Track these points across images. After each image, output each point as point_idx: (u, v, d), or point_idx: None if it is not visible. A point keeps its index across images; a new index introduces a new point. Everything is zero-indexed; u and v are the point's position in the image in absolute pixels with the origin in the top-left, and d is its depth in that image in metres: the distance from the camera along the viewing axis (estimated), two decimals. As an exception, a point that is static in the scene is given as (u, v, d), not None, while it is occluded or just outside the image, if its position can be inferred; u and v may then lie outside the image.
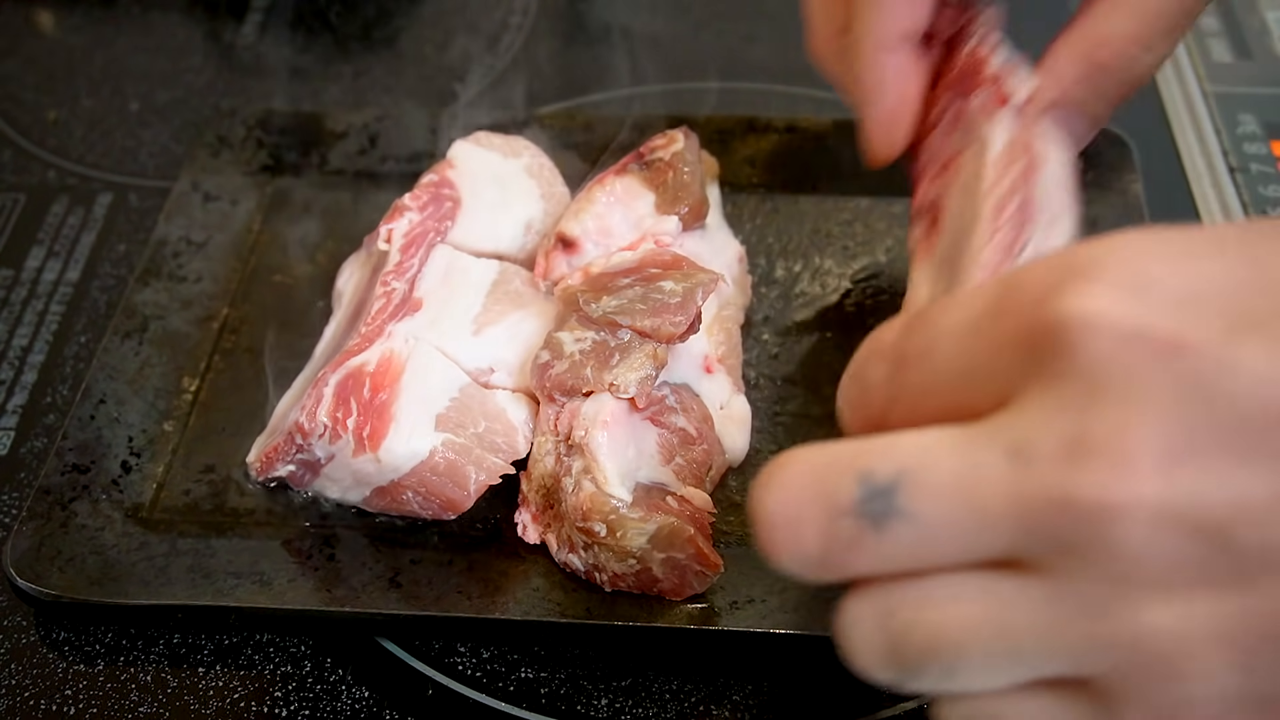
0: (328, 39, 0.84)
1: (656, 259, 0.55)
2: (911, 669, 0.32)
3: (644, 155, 0.60)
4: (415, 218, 0.59)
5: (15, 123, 0.78)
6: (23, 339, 0.64)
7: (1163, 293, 0.30)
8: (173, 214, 0.66)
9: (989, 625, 0.31)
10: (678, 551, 0.48)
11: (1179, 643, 0.29)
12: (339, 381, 0.52)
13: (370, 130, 0.70)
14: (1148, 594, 0.29)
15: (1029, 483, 0.30)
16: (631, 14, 0.84)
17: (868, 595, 0.32)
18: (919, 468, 0.31)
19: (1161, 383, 0.29)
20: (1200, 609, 0.29)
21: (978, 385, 0.32)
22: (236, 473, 0.56)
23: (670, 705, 0.49)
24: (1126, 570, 0.29)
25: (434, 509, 0.52)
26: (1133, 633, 0.29)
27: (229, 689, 0.50)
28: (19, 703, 0.50)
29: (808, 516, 0.32)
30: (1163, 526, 0.29)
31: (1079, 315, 0.29)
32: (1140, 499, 0.29)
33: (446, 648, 0.51)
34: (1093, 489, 0.29)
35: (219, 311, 0.62)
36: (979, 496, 0.30)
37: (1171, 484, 0.29)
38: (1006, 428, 0.31)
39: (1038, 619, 0.30)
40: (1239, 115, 0.73)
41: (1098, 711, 0.31)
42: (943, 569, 0.31)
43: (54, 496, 0.54)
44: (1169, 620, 0.29)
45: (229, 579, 0.51)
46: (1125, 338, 0.29)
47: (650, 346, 0.52)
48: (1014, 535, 0.30)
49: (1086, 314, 0.29)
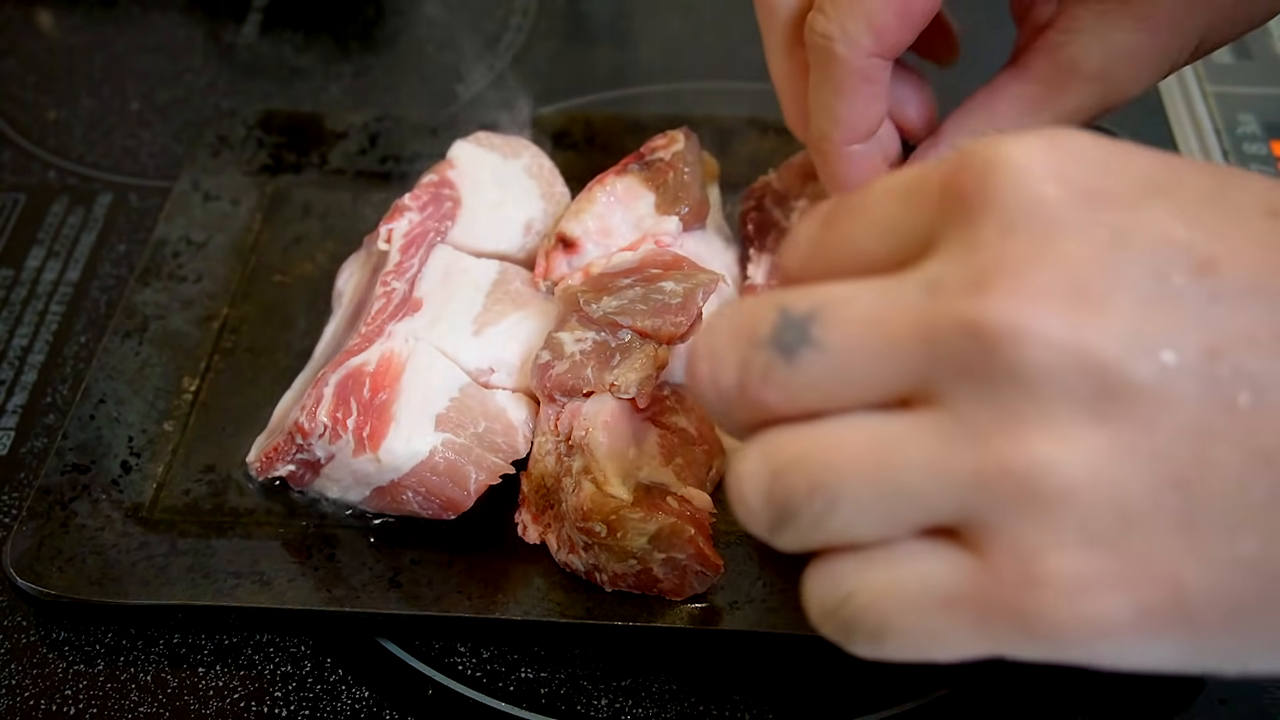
0: (328, 39, 0.84)
1: (657, 259, 0.55)
2: (786, 508, 0.32)
3: (644, 155, 0.60)
4: (415, 218, 0.59)
5: (15, 123, 0.78)
6: (23, 339, 0.64)
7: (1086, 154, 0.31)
8: (173, 214, 0.66)
9: (871, 458, 0.31)
10: (678, 552, 0.48)
11: (1055, 476, 0.29)
12: (339, 381, 0.52)
13: (370, 130, 0.70)
14: (1035, 425, 0.29)
15: (938, 309, 0.30)
16: (632, 14, 0.84)
17: (761, 438, 0.33)
18: (836, 302, 0.32)
19: (1076, 224, 0.30)
20: (1083, 444, 0.29)
21: (900, 237, 0.33)
22: (236, 473, 0.56)
23: (670, 705, 0.49)
24: (1019, 400, 0.29)
25: (434, 509, 0.52)
26: (1013, 462, 0.29)
27: (229, 689, 0.50)
28: (19, 703, 0.50)
29: (728, 347, 0.33)
30: (1061, 356, 0.29)
31: (1006, 157, 0.31)
32: (1044, 326, 0.29)
33: (446, 648, 0.51)
34: (998, 312, 0.29)
35: (219, 311, 0.62)
36: (889, 325, 0.31)
37: (1074, 316, 0.29)
38: (924, 268, 0.31)
39: (922, 452, 0.30)
40: (1239, 115, 0.73)
41: (968, 563, 0.30)
42: (844, 408, 0.32)
43: (54, 496, 0.54)
44: (1050, 452, 0.29)
45: (229, 579, 0.51)
46: (1047, 178, 0.30)
47: (651, 347, 0.52)
48: (918, 363, 0.31)
49: (1014, 156, 0.31)
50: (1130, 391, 0.29)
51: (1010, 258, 0.30)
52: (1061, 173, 0.31)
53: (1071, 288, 0.29)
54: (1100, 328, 0.29)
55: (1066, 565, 0.29)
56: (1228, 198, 0.31)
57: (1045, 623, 0.29)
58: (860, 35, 0.48)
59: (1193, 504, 0.29)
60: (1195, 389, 0.29)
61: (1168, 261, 0.30)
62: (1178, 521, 0.29)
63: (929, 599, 0.31)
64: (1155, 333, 0.29)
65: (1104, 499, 0.29)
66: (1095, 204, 0.30)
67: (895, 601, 0.31)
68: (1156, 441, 0.29)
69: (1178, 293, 0.29)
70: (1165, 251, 0.30)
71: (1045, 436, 0.29)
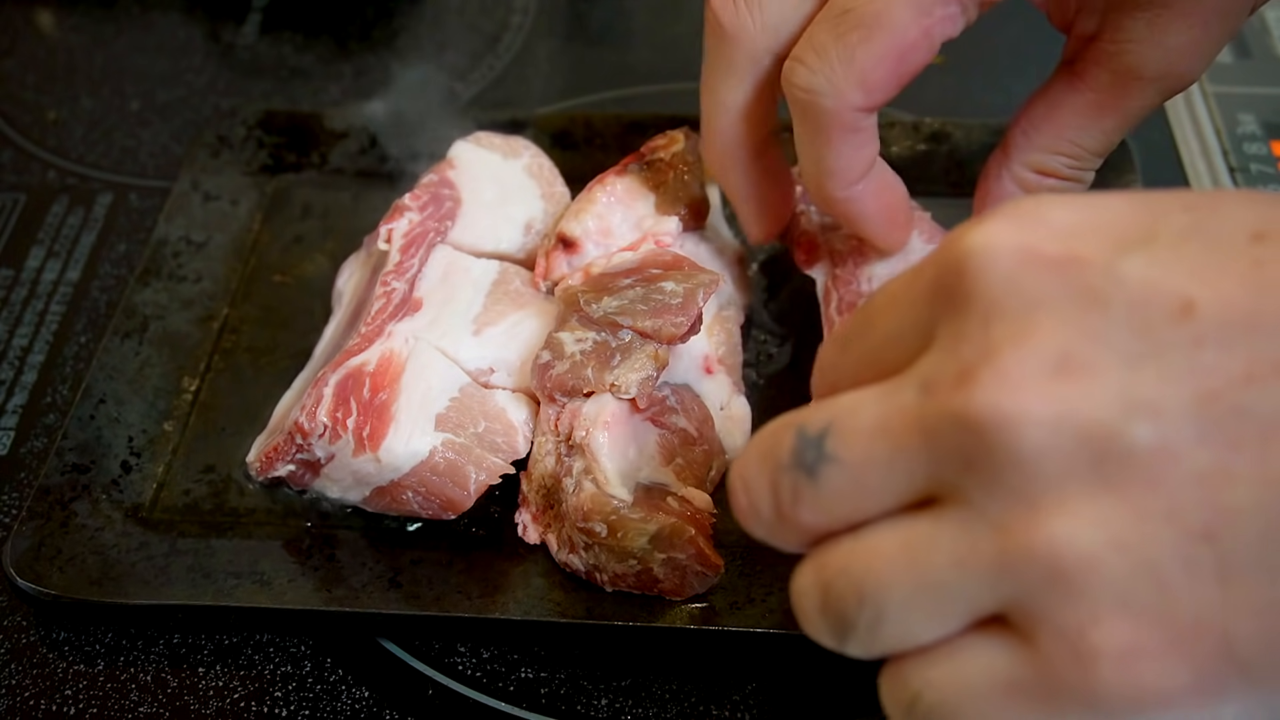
0: (328, 39, 0.84)
1: (657, 259, 0.55)
2: (842, 620, 0.32)
3: (644, 155, 0.60)
4: (415, 218, 0.59)
5: (15, 123, 0.78)
6: (23, 339, 0.64)
7: (1054, 223, 0.31)
8: (173, 214, 0.66)
9: (905, 562, 0.31)
10: (678, 552, 0.48)
11: (1078, 551, 0.29)
12: (339, 381, 0.52)
13: (370, 130, 0.70)
14: (1046, 505, 0.29)
15: (932, 408, 0.31)
16: (631, 14, 0.84)
17: (811, 556, 0.33)
18: (845, 414, 0.32)
19: (1051, 296, 0.30)
20: (1096, 515, 0.29)
21: (906, 342, 0.33)
22: (236, 473, 0.56)
23: (670, 705, 0.49)
24: (1024, 483, 0.29)
25: (434, 509, 0.52)
26: (1034, 546, 0.29)
27: (229, 689, 0.50)
28: (19, 703, 0.50)
29: (758, 475, 0.34)
30: (1053, 434, 0.29)
31: (977, 246, 0.31)
32: (1028, 407, 0.29)
33: (446, 648, 0.51)
34: (984, 403, 0.29)
35: (219, 311, 0.62)
36: (891, 430, 0.31)
37: (1059, 391, 0.29)
38: (919, 367, 0.32)
39: (950, 547, 0.31)
40: (1239, 115, 0.73)
41: (1021, 650, 0.30)
42: (874, 516, 0.32)
43: (54, 496, 0.54)
44: (1067, 529, 0.29)
45: (229, 579, 0.51)
46: (1018, 259, 0.30)
47: (651, 347, 0.52)
48: (926, 465, 0.31)
49: (983, 244, 0.31)
50: (1130, 453, 0.29)
51: (992, 345, 0.30)
52: (1030, 249, 0.30)
53: (1053, 362, 0.29)
54: (1087, 396, 0.29)
55: (1111, 638, 0.29)
56: (1208, 231, 0.30)
57: (1106, 698, 0.29)
58: (849, 91, 0.46)
59: (1223, 553, 0.28)
60: (1196, 438, 0.28)
61: (1147, 313, 0.29)
62: (1212, 574, 0.28)
63: (992, 690, 0.31)
64: (1144, 389, 0.29)
65: (1130, 565, 0.29)
66: (1068, 272, 0.30)
67: (961, 697, 0.31)
68: (1171, 499, 0.28)
69: (1162, 343, 0.29)
70: (1144, 304, 0.29)
71: (1058, 514, 0.29)
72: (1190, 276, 0.29)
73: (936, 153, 0.67)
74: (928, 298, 0.32)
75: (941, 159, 0.67)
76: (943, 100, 0.70)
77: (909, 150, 0.67)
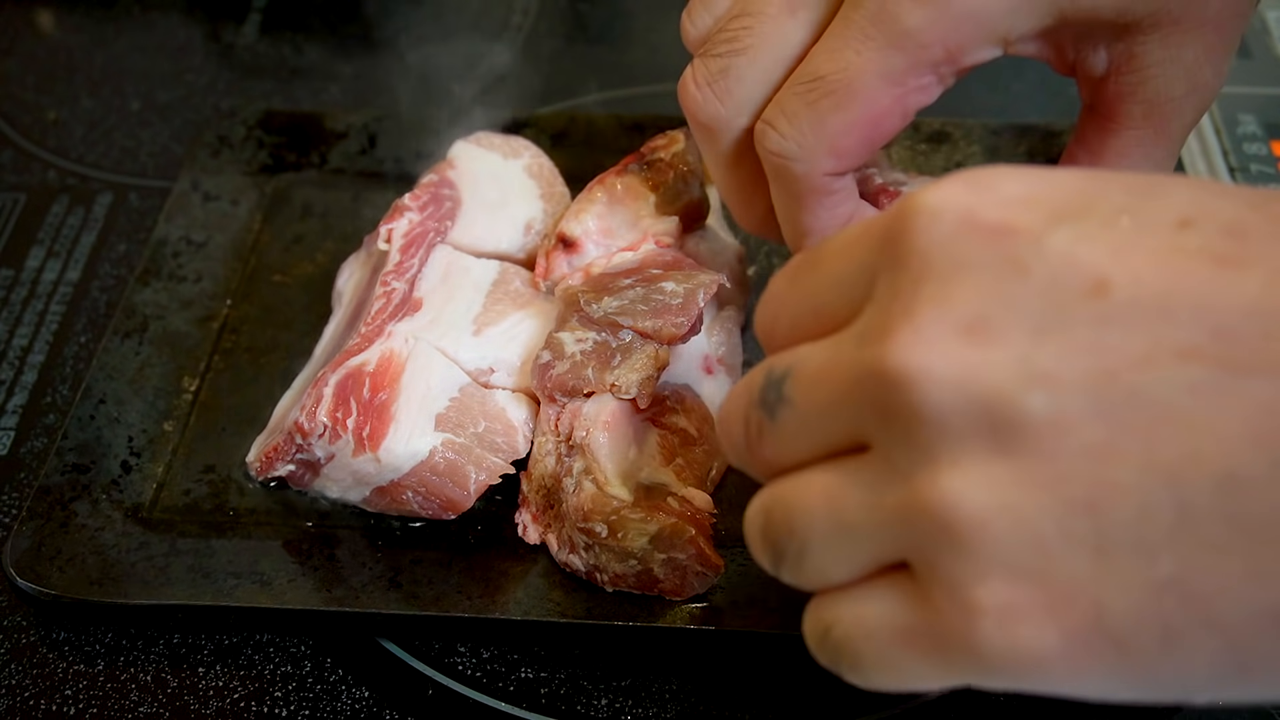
0: (328, 39, 0.84)
1: (657, 259, 0.55)
2: (775, 548, 0.35)
3: (644, 155, 0.60)
4: (415, 218, 0.59)
5: (15, 123, 0.78)
6: (23, 339, 0.64)
7: (999, 191, 0.32)
8: (173, 214, 0.66)
9: (826, 502, 0.33)
10: (679, 552, 0.48)
11: (968, 510, 0.30)
12: (339, 381, 0.52)
13: (370, 130, 0.70)
14: (944, 462, 0.30)
15: (860, 359, 0.32)
16: (631, 14, 0.84)
17: (766, 485, 0.36)
18: (802, 360, 0.34)
19: (982, 260, 0.31)
20: (988, 477, 0.30)
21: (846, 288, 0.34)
22: (236, 473, 0.56)
23: (670, 705, 0.49)
24: (927, 438, 0.30)
25: (434, 509, 0.52)
26: (930, 501, 0.30)
27: (229, 689, 0.50)
28: (19, 703, 0.50)
29: (734, 409, 0.36)
30: (955, 394, 0.30)
31: (924, 206, 0.32)
32: (934, 365, 0.30)
33: (446, 648, 0.51)
34: (897, 357, 0.30)
35: (219, 311, 0.62)
36: (831, 379, 0.33)
37: (965, 352, 0.30)
38: (861, 318, 0.33)
39: (862, 494, 0.32)
40: (1239, 115, 0.73)
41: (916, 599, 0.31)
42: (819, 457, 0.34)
43: (54, 496, 0.54)
44: (960, 487, 0.30)
45: (229, 579, 0.51)
46: (957, 222, 0.31)
47: (652, 347, 0.52)
48: (852, 411, 0.32)
49: (928, 203, 0.32)
50: (1025, 422, 0.29)
51: (915, 302, 0.31)
52: (971, 213, 0.31)
53: (965, 324, 0.30)
54: (990, 361, 0.30)
55: (992, 595, 0.30)
56: (1140, 212, 0.31)
57: (986, 654, 0.30)
58: (820, 157, 0.46)
59: (1102, 528, 0.29)
60: (1089, 414, 0.29)
61: (1062, 287, 0.30)
62: (1091, 547, 0.29)
63: (890, 634, 0.32)
64: (1045, 361, 0.29)
65: (1015, 530, 0.29)
66: (1000, 239, 0.31)
67: (862, 637, 0.33)
68: (1058, 469, 0.29)
69: (1071, 318, 0.29)
70: (1060, 277, 0.30)
71: (954, 473, 0.30)
72: (1110, 255, 0.30)
73: (936, 153, 0.67)
74: (875, 248, 0.33)
75: (941, 159, 0.67)
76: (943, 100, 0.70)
77: (909, 150, 0.67)
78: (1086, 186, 0.32)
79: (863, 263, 0.34)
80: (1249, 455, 0.28)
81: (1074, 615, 0.29)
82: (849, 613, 0.33)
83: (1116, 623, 0.29)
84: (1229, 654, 0.29)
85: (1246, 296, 0.29)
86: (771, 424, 0.35)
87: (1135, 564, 0.29)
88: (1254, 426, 0.28)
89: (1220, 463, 0.28)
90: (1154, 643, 0.29)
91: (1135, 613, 0.29)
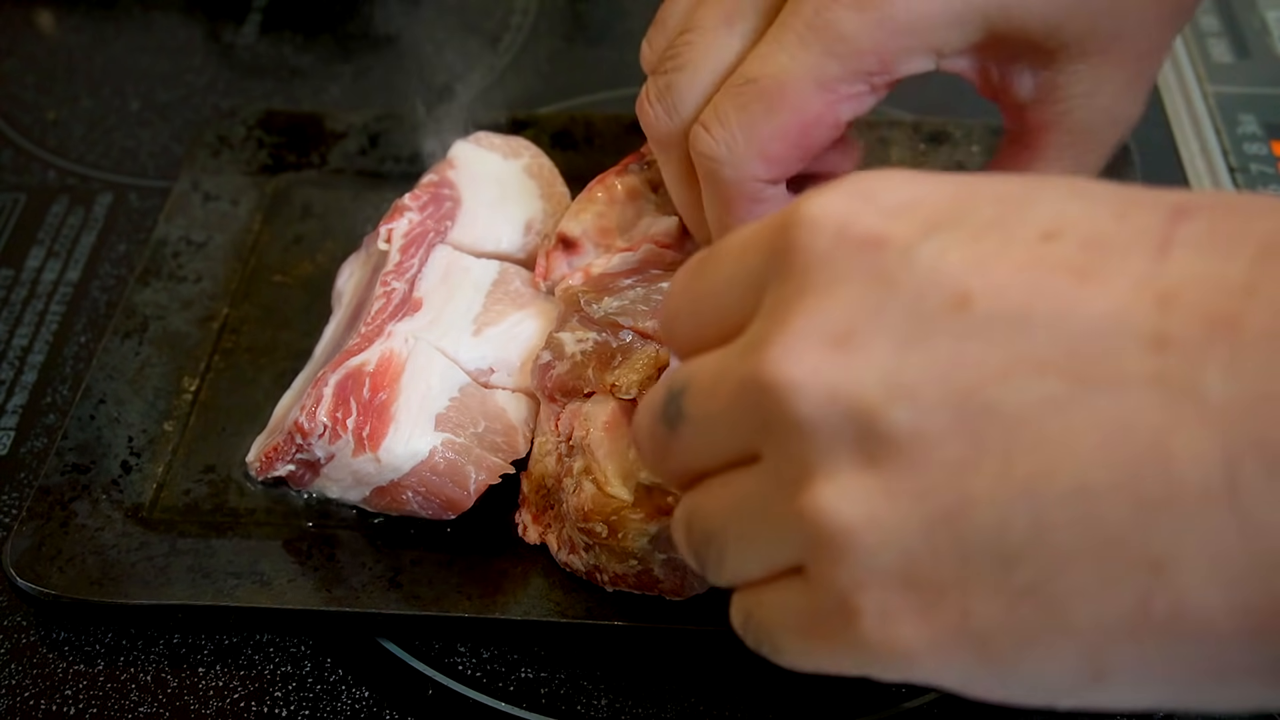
0: (328, 39, 0.84)
1: (658, 259, 0.55)
2: (697, 555, 0.36)
3: (644, 155, 0.60)
4: (415, 218, 0.59)
5: (15, 123, 0.78)
6: (23, 339, 0.64)
7: (881, 200, 0.32)
8: (173, 214, 0.66)
9: (729, 510, 0.34)
10: (679, 552, 0.48)
11: (841, 520, 0.30)
12: (339, 381, 0.52)
13: (370, 130, 0.70)
14: (819, 473, 0.31)
15: (744, 369, 0.32)
16: (632, 14, 0.84)
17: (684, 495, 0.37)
18: (697, 373, 0.35)
19: (853, 272, 0.31)
20: (857, 488, 0.30)
21: (738, 291, 0.34)
22: (236, 473, 0.56)
23: (670, 705, 0.49)
24: (803, 449, 0.31)
25: (434, 509, 0.52)
26: (804, 510, 0.31)
27: (229, 689, 0.50)
28: (19, 703, 0.50)
29: (641, 424, 0.37)
30: (823, 406, 0.30)
31: (807, 216, 0.32)
32: (800, 376, 0.31)
33: (446, 648, 0.51)
34: (768, 366, 0.31)
35: (219, 311, 0.62)
36: (720, 391, 0.34)
37: (833, 364, 0.30)
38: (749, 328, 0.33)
39: (755, 502, 0.33)
40: (1239, 115, 0.73)
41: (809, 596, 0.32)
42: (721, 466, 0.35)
43: (54, 496, 0.54)
44: (832, 498, 0.30)
45: (229, 579, 0.51)
46: (836, 232, 0.32)
47: (652, 348, 0.52)
48: (739, 422, 0.33)
49: (813, 214, 0.32)
50: (889, 434, 0.30)
51: (790, 314, 0.31)
52: (847, 224, 0.32)
53: (833, 336, 0.31)
54: (856, 374, 0.30)
55: (869, 600, 0.31)
56: (1011, 222, 0.31)
57: (868, 648, 0.31)
58: (749, 161, 0.46)
59: (963, 537, 0.29)
60: (949, 427, 0.29)
61: (927, 300, 0.30)
62: (953, 556, 0.30)
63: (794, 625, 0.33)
64: (909, 374, 0.30)
65: (885, 540, 0.30)
66: (875, 250, 0.31)
67: (772, 627, 0.34)
68: (921, 481, 0.30)
69: (934, 330, 0.30)
70: (926, 290, 0.30)
71: (827, 484, 0.31)
72: (974, 267, 0.30)
73: (936, 153, 0.67)
74: (764, 255, 0.34)
75: (942, 159, 0.67)
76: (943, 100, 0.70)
77: (909, 150, 0.67)
78: (960, 194, 0.32)
79: (754, 268, 0.34)
80: (1099, 469, 0.28)
81: (941, 617, 0.30)
82: (762, 605, 0.34)
83: (979, 625, 0.30)
84: (1084, 660, 0.29)
85: (1097, 311, 0.29)
86: (673, 437, 0.35)
87: (995, 572, 0.29)
88: (1103, 440, 0.28)
89: (1072, 477, 0.28)
90: (1013, 646, 0.30)
91: (996, 617, 0.30)
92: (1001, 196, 0.32)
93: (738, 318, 0.34)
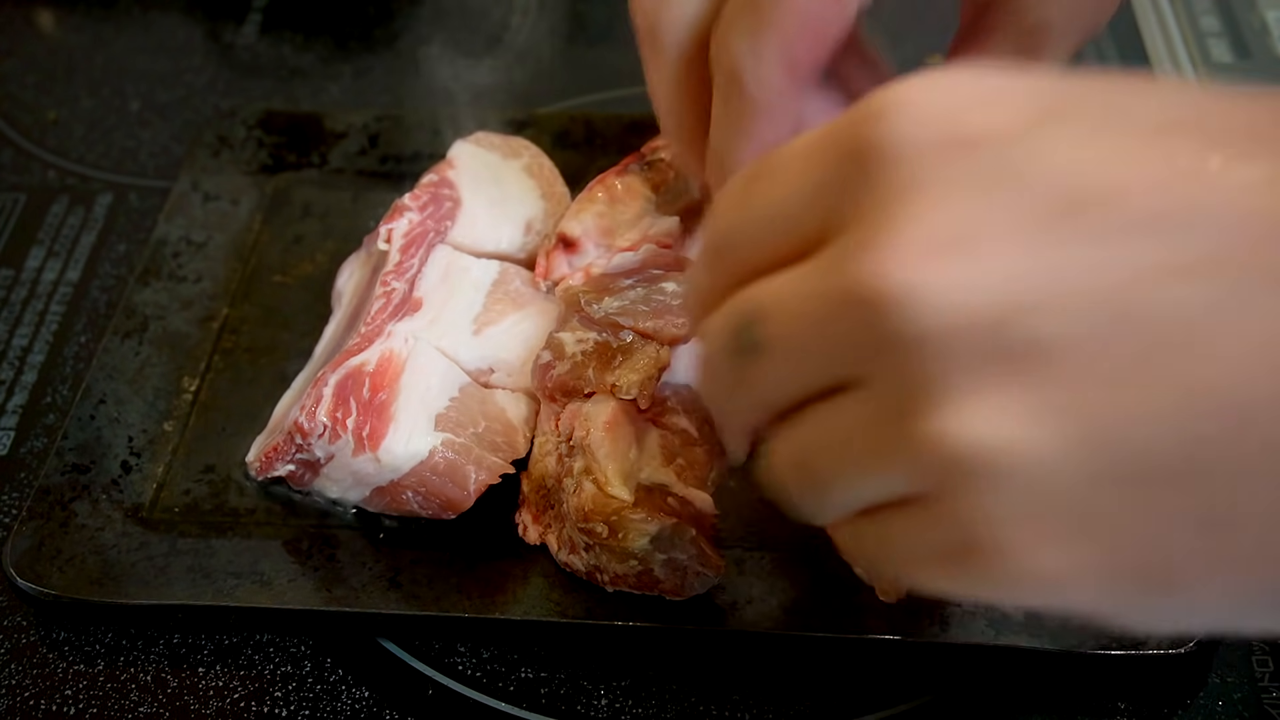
0: (328, 39, 0.83)
1: (658, 259, 0.55)
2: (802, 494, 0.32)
3: (644, 155, 0.60)
4: (415, 218, 0.59)
5: (15, 123, 0.78)
6: (23, 339, 0.64)
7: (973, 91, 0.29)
8: (173, 214, 0.66)
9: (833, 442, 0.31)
10: (680, 552, 0.48)
11: (975, 446, 0.27)
12: (339, 381, 0.52)
13: (370, 130, 0.70)
14: (943, 396, 0.28)
15: (834, 285, 0.29)
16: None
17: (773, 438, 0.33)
18: (770, 298, 0.31)
19: (963, 170, 0.28)
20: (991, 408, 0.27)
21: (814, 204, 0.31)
22: (236, 473, 0.56)
23: (670, 705, 0.49)
24: (923, 369, 0.28)
25: (434, 509, 0.52)
26: (932, 436, 0.28)
27: (229, 689, 0.50)
28: (19, 703, 0.50)
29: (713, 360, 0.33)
30: (945, 315, 0.27)
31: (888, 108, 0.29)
32: (916, 285, 0.27)
33: (446, 648, 0.51)
34: (873, 278, 0.28)
35: (219, 311, 0.62)
36: (806, 314, 0.30)
37: (953, 270, 0.27)
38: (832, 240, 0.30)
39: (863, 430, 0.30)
40: (1239, 116, 0.73)
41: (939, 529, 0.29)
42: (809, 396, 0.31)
43: (54, 496, 0.54)
44: (964, 421, 0.27)
45: (229, 579, 0.51)
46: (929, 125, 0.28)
47: (653, 348, 0.52)
48: (837, 346, 0.30)
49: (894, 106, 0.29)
50: (1028, 346, 0.27)
51: (892, 217, 0.28)
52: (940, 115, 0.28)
53: (947, 240, 0.27)
54: (983, 280, 0.27)
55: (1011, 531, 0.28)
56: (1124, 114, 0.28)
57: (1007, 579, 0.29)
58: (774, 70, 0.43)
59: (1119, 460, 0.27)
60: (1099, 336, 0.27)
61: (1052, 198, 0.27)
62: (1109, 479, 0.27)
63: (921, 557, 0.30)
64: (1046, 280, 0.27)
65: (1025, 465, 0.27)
66: (980, 143, 0.28)
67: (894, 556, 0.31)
68: (1068, 397, 0.27)
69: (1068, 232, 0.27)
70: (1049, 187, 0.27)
71: (955, 406, 0.27)
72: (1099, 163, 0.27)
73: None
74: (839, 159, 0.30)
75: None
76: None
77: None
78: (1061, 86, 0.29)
79: (826, 175, 0.30)
80: (1272, 378, 0.26)
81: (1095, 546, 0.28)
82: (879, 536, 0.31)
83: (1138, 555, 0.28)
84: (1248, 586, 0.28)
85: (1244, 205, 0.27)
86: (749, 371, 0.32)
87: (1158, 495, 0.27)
88: (1273, 344, 0.26)
89: (1243, 389, 0.26)
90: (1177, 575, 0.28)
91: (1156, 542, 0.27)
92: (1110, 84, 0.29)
93: (812, 232, 0.31)
